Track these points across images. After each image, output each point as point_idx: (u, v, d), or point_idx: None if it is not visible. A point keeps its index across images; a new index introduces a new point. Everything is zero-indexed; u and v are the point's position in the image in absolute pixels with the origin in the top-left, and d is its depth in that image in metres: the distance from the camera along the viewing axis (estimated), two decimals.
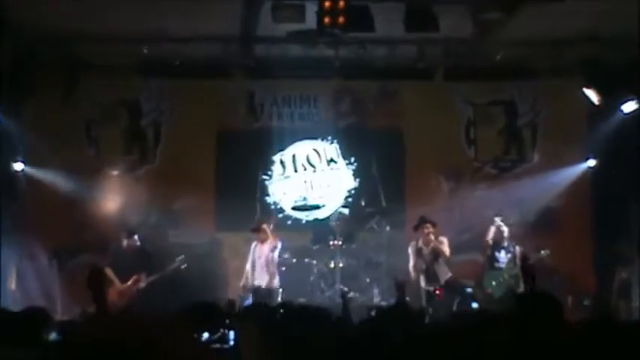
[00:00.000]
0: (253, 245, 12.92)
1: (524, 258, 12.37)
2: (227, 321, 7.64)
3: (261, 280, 12.73)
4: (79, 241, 13.81)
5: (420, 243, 12.83)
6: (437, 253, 12.71)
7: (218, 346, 7.20)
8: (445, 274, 12.75)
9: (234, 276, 13.59)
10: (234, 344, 6.70)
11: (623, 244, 13.41)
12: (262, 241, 12.83)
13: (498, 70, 14.26)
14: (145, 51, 13.44)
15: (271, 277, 12.76)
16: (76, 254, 13.62)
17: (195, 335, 6.82)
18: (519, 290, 12.14)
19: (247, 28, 12.80)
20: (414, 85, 14.63)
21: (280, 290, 12.89)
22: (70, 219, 13.85)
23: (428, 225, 12.74)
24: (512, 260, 13.04)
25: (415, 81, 14.55)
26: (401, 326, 5.68)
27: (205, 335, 7.53)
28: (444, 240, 12.74)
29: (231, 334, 7.31)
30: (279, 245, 12.87)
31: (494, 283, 13.20)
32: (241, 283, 12.90)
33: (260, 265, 12.79)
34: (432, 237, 12.71)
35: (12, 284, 13.39)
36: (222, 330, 7.58)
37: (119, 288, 12.63)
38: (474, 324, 5.08)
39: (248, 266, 12.87)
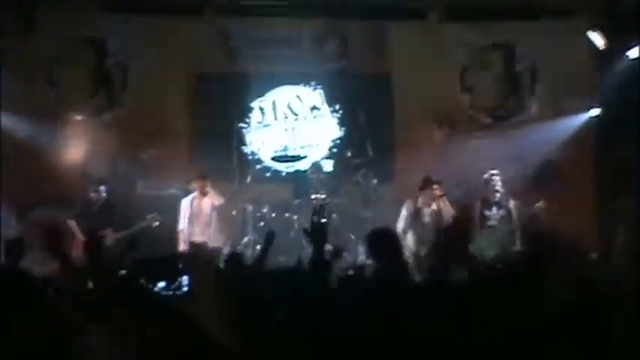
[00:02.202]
0: (190, 198, 12.25)
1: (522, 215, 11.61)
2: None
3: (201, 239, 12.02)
4: (40, 193, 12.84)
5: (420, 203, 11.77)
6: (440, 216, 11.64)
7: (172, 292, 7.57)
8: None
9: None
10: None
11: (629, 199, 12.54)
12: (203, 196, 12.19)
13: (496, 10, 13.44)
14: None
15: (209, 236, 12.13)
16: (37, 207, 12.67)
17: (151, 285, 7.50)
18: (515, 249, 11.30)
19: None
20: (406, 25, 13.70)
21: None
22: (30, 168, 12.84)
23: (435, 186, 11.69)
24: (507, 217, 12.00)
25: (406, 21, 13.66)
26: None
27: (162, 284, 8.02)
28: (447, 202, 11.75)
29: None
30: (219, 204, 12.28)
31: (485, 243, 12.18)
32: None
33: (201, 222, 12.17)
34: (440, 200, 11.68)
35: None
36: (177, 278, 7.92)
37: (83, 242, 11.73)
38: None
39: (184, 224, 12.23)
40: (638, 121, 12.48)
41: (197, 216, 12.15)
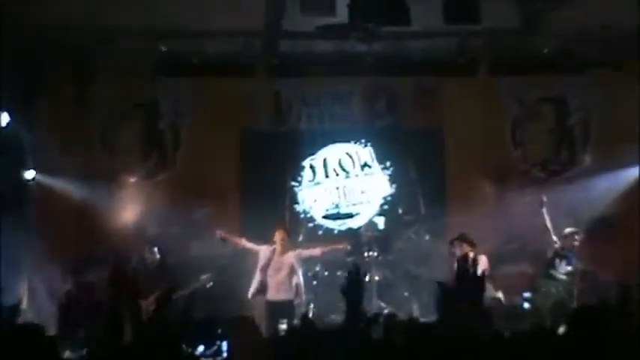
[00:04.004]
0: (271, 249, 11.73)
1: None
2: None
3: (278, 294, 11.63)
4: (94, 255, 12.92)
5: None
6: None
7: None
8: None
9: None
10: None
11: None
12: (283, 249, 11.76)
13: (547, 63, 13.33)
14: (163, 48, 12.74)
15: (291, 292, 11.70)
16: (91, 269, 12.76)
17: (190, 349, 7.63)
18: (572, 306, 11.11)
19: (272, 21, 12.07)
20: (455, 81, 13.64)
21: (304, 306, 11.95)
22: (84, 230, 13.02)
23: (463, 244, 11.53)
24: (573, 274, 11.84)
25: (456, 77, 13.59)
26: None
27: (201, 348, 8.22)
28: (482, 259, 11.51)
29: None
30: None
31: (545, 290, 12.00)
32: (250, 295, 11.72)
33: (279, 277, 11.66)
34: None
35: (23, 301, 12.58)
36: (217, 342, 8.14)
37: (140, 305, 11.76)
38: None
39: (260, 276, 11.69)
40: None
41: (277, 269, 11.65)
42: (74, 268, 12.83)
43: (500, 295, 11.64)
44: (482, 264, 11.28)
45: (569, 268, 11.79)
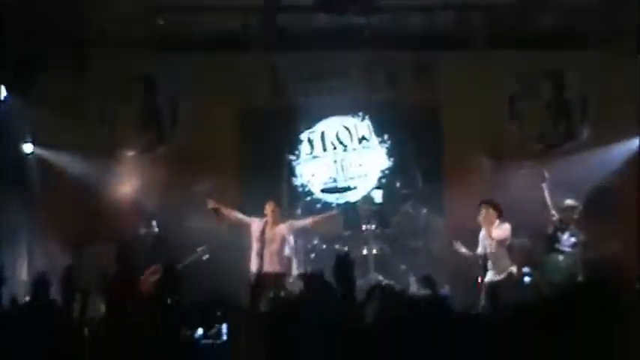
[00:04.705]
0: (262, 223, 11.59)
1: None
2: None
3: (272, 266, 11.47)
4: (93, 229, 12.95)
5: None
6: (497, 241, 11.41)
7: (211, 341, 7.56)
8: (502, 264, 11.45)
9: None
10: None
11: None
12: (275, 222, 11.61)
13: (546, 38, 13.20)
14: (160, 22, 12.62)
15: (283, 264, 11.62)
16: (91, 242, 12.79)
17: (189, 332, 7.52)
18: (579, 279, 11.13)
19: None
20: (453, 55, 13.53)
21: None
22: (83, 204, 13.03)
23: (490, 208, 11.31)
24: (577, 246, 11.83)
25: (454, 51, 13.45)
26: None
27: (200, 331, 7.99)
28: (506, 227, 11.27)
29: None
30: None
31: (552, 264, 11.96)
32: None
33: (271, 249, 11.54)
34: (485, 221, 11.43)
35: (23, 275, 12.63)
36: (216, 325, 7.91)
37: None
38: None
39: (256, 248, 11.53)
40: None
41: (269, 243, 11.52)
42: (73, 242, 12.89)
43: (514, 268, 11.51)
44: (505, 232, 11.32)
45: (573, 239, 11.80)
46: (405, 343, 5.17)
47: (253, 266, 11.42)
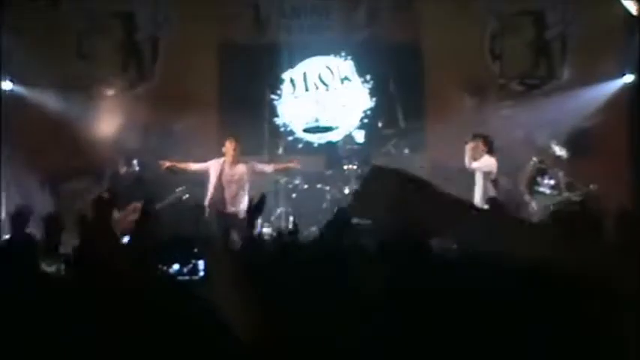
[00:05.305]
0: (221, 162, 11.55)
1: None
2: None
3: (233, 206, 11.40)
4: (72, 166, 12.82)
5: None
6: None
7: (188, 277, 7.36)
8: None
9: None
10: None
11: None
12: (234, 162, 11.52)
13: None
14: None
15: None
16: (69, 180, 12.67)
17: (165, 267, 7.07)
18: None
19: None
20: None
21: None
22: (62, 142, 12.80)
23: (479, 142, 11.36)
24: (557, 187, 11.87)
25: None
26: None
27: (175, 267, 7.73)
28: (492, 161, 11.34)
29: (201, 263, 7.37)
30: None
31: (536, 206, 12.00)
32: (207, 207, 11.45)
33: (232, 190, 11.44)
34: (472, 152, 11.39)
35: (1, 212, 12.50)
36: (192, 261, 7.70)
37: (115, 217, 11.66)
38: None
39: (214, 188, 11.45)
40: None
41: (228, 182, 11.45)
42: (52, 179, 12.76)
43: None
44: (491, 164, 11.32)
45: (552, 182, 11.84)
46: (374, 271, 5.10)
47: (212, 206, 11.31)
